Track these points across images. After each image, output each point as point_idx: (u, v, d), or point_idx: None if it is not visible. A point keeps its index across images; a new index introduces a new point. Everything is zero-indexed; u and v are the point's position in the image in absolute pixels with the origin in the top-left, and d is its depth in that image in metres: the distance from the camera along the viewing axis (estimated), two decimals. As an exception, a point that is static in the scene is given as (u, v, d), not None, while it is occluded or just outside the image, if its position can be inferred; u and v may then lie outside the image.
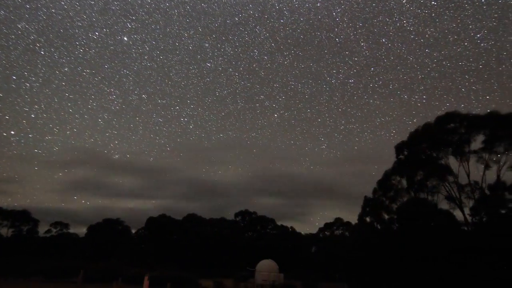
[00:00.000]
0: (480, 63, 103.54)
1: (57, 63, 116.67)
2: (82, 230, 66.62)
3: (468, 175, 29.07)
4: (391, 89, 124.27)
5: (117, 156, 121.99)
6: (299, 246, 63.98)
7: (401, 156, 33.81)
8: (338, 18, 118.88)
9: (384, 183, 35.13)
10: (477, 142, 29.12)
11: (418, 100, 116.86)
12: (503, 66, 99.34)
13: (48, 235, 64.58)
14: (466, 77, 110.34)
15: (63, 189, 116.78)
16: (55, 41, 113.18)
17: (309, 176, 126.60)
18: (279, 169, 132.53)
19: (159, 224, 61.59)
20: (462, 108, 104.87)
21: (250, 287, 34.57)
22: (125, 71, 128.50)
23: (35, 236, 61.75)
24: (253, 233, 67.68)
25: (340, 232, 65.18)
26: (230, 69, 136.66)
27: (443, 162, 30.53)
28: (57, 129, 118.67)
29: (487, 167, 28.25)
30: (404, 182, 33.60)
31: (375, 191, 36.36)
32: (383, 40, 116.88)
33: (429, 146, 31.24)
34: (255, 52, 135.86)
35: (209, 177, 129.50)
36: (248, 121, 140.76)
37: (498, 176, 27.92)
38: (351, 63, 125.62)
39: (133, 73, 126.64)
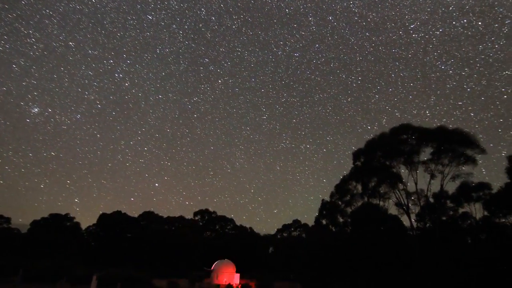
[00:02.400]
0: (410, 52, 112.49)
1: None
2: (25, 225, 61.42)
3: (416, 184, 31.27)
4: (331, 67, 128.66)
5: (36, 110, 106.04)
6: (257, 246, 64.48)
7: (357, 163, 35.46)
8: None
9: (341, 188, 36.63)
10: (426, 153, 31.46)
11: (354, 80, 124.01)
12: (428, 57, 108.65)
13: (-16, 229, 58.78)
14: (396, 64, 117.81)
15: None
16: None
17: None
18: (220, 137, 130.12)
19: (112, 221, 58.68)
20: (390, 93, 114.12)
21: (205, 287, 34.21)
22: (47, 11, 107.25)
23: (-32, 231, 55.91)
24: (211, 233, 66.96)
25: (297, 233, 66.70)
26: (174, 26, 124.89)
27: (395, 170, 32.50)
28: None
29: (432, 177, 30.57)
30: (359, 188, 35.30)
31: (332, 195, 37.79)
32: (330, 18, 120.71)
33: (383, 155, 33.09)
34: (202, 11, 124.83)
35: (146, 140, 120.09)
36: (191, 84, 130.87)
37: (442, 185, 30.34)
38: (298, 36, 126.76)
39: (58, 15, 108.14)
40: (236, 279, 37.03)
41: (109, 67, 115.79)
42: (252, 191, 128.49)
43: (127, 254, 53.93)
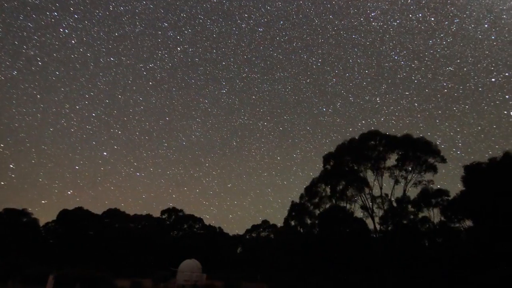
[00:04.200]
0: (368, 40, 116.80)
1: None
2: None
3: (381, 188, 32.61)
4: (294, 46, 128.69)
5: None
6: (225, 246, 64.19)
7: (327, 166, 36.34)
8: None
9: (311, 190, 37.36)
10: (392, 160, 32.89)
11: (315, 62, 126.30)
12: (384, 46, 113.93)
13: None
14: (355, 50, 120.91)
15: None
16: None
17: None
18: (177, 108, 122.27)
19: (73, 218, 55.85)
20: (346, 77, 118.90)
21: (170, 287, 33.44)
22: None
23: None
24: (179, 232, 65.78)
25: (266, 234, 67.21)
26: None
27: (362, 175, 33.67)
28: None
29: (396, 182, 32.02)
30: (328, 190, 36.19)
31: (301, 196, 38.45)
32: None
33: (352, 159, 34.18)
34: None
35: (95, 105, 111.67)
36: (147, 49, 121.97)
37: (405, 191, 31.89)
38: (263, 10, 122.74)
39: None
40: (202, 279, 36.54)
41: (53, 20, 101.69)
42: (207, 164, 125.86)
43: (89, 253, 51.59)
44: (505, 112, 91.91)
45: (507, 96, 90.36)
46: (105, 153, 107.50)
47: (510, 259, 20.20)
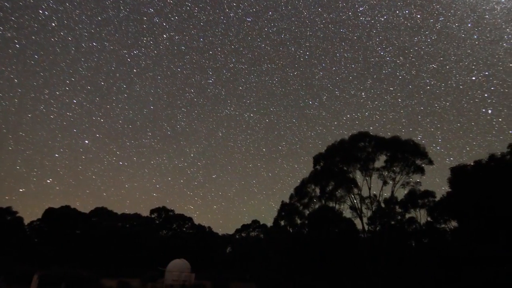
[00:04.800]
0: (355, 34, 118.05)
1: None
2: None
3: (370, 189, 33.00)
4: (282, 38, 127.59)
5: None
6: (215, 246, 64.04)
7: (317, 167, 36.57)
8: None
9: (300, 190, 37.55)
10: (380, 161, 33.32)
11: (302, 54, 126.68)
12: (370, 42, 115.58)
13: None
14: (342, 44, 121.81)
15: None
16: None
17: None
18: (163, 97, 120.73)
19: (60, 217, 54.80)
20: (333, 71, 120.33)
21: (158, 287, 33.18)
22: None
23: None
24: (168, 231, 65.26)
25: (255, 233, 67.27)
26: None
27: (351, 175, 34.01)
28: None
29: (385, 183, 32.45)
30: (317, 191, 36.42)
31: (291, 197, 38.61)
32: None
33: (341, 160, 34.48)
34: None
35: (76, 91, 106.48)
36: (131, 35, 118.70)
37: (393, 192, 32.35)
38: (252, 0, 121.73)
39: None
40: (191, 279, 36.36)
41: (32, 0, 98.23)
42: (191, 155, 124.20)
43: (75, 252, 50.74)
44: (483, 110, 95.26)
45: (485, 95, 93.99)
46: (86, 141, 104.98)
47: (492, 260, 20.72)
